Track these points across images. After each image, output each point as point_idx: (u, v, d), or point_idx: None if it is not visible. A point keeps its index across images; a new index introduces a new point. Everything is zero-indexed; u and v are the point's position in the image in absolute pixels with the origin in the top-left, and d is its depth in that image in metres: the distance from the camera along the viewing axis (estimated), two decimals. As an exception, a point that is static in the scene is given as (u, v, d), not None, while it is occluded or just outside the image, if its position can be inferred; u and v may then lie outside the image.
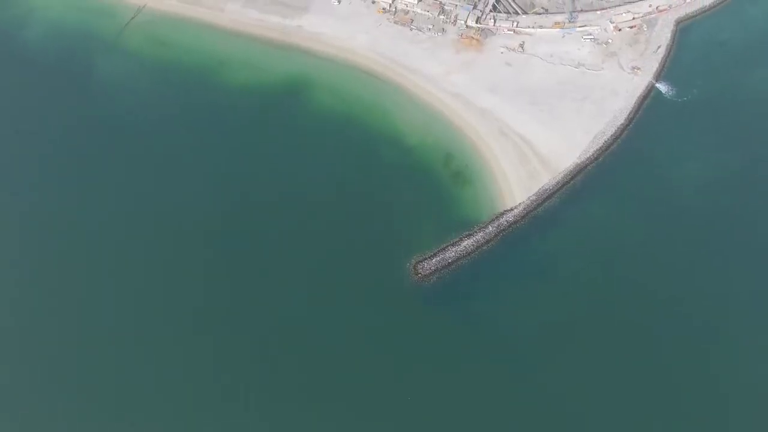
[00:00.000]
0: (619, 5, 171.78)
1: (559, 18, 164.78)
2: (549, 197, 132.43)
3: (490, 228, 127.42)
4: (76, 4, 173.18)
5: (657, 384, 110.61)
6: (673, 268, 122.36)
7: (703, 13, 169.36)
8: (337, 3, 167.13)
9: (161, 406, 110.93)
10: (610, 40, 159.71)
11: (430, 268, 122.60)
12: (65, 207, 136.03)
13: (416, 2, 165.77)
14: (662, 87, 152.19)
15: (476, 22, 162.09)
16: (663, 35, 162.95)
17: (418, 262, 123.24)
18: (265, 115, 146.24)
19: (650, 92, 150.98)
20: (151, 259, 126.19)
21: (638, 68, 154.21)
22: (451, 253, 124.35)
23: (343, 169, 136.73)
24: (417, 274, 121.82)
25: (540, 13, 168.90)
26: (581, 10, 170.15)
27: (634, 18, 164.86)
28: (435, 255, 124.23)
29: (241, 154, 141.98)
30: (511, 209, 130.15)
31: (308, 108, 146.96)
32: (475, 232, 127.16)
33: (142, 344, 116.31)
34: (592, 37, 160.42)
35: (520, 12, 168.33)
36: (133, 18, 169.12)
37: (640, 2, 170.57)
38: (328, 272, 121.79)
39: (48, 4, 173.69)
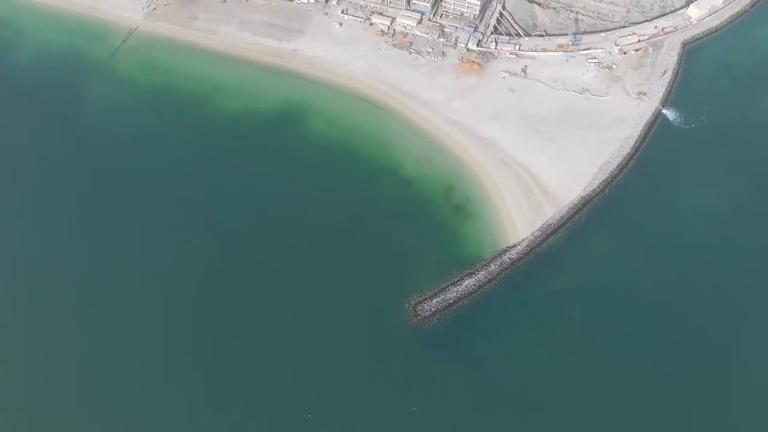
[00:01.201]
0: (624, 26, 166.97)
1: (563, 41, 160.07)
2: (553, 232, 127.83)
3: (493, 266, 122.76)
4: (66, 26, 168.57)
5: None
6: (683, 311, 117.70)
7: (710, 35, 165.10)
8: (338, 26, 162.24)
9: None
10: (614, 65, 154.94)
11: (430, 310, 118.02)
12: (55, 234, 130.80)
13: (415, 24, 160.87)
14: (669, 113, 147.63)
15: (477, 46, 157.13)
16: (669, 58, 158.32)
17: (417, 303, 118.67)
18: (259, 145, 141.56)
19: (657, 119, 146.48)
20: (141, 295, 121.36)
21: (644, 93, 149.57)
22: (451, 293, 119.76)
23: (340, 201, 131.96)
24: (416, 316, 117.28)
25: (542, 35, 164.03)
26: (584, 32, 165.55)
27: (639, 40, 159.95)
28: (435, 295, 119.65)
29: (234, 185, 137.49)
30: (514, 246, 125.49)
31: (304, 137, 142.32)
32: (477, 270, 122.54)
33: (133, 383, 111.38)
34: (596, 60, 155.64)
35: (522, 34, 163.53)
36: (124, 41, 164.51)
37: (644, 24, 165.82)
38: (322, 315, 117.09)
39: (38, 26, 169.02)
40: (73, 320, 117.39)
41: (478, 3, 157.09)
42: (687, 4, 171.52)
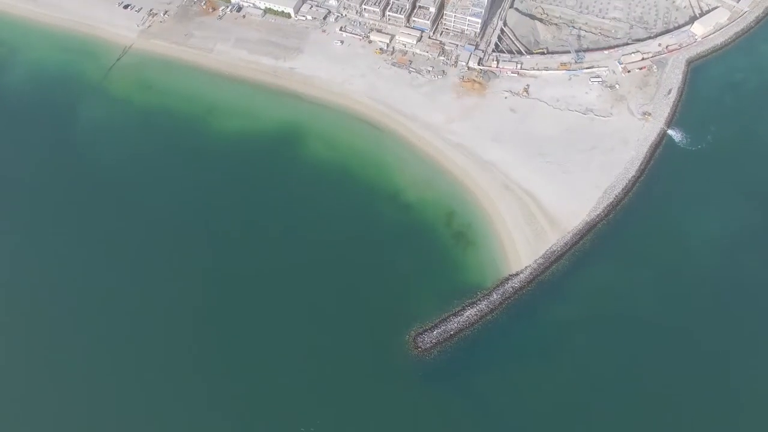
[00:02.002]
0: (627, 44, 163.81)
1: (565, 58, 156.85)
2: (557, 260, 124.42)
3: (495, 296, 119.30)
4: (60, 44, 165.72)
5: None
6: (692, 341, 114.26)
7: (715, 53, 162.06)
8: (339, 44, 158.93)
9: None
10: (618, 84, 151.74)
11: (430, 341, 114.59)
12: (47, 256, 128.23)
13: (415, 42, 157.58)
14: (675, 134, 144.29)
15: (478, 64, 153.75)
16: (674, 77, 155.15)
17: (417, 335, 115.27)
18: (255, 168, 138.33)
19: (662, 140, 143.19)
20: (135, 323, 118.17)
21: (649, 114, 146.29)
22: (452, 324, 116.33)
23: (337, 227, 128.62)
24: (416, 348, 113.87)
25: (544, 53, 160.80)
26: (587, 49, 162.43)
27: (643, 58, 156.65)
28: (436, 326, 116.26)
29: (229, 209, 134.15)
30: (517, 274, 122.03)
31: (301, 159, 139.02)
32: (479, 300, 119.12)
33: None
34: (600, 79, 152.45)
35: (523, 51, 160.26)
36: (118, 59, 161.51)
37: (648, 41, 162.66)
38: (319, 347, 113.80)
39: (32, 43, 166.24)
40: (63, 354, 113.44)
41: (479, 20, 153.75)
42: (691, 21, 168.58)
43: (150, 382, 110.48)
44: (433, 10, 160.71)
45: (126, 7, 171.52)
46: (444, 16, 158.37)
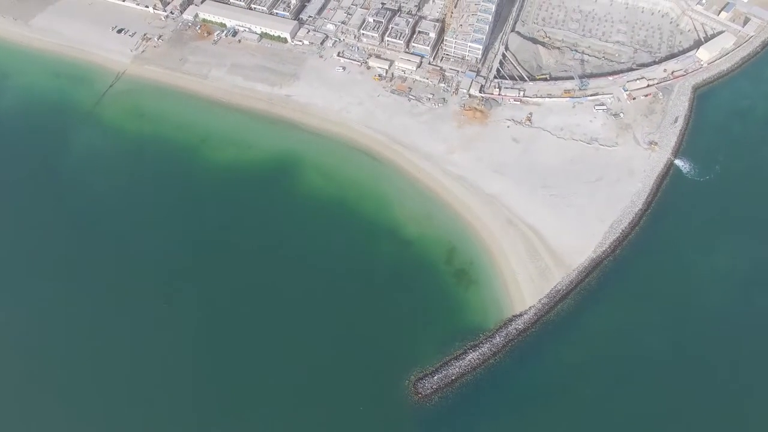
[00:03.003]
0: (632, 69, 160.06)
1: (569, 85, 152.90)
2: (562, 299, 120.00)
3: (498, 338, 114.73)
4: (53, 69, 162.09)
5: None
6: (703, 385, 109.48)
7: (721, 78, 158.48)
8: (341, 70, 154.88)
9: None
10: (623, 112, 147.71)
11: (431, 387, 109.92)
12: (33, 287, 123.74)
13: (415, 69, 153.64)
14: (682, 164, 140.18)
15: (480, 92, 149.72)
16: (680, 104, 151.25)
17: (418, 380, 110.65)
18: (249, 200, 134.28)
19: (669, 170, 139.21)
20: (130, 358, 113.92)
21: (655, 143, 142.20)
22: (454, 369, 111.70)
23: (334, 264, 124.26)
24: (417, 394, 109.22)
25: (547, 79, 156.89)
26: (591, 74, 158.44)
27: (648, 85, 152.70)
28: (437, 371, 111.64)
29: (222, 243, 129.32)
30: (521, 314, 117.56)
31: (296, 191, 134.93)
32: (481, 342, 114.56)
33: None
34: (604, 107, 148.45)
35: (526, 77, 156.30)
36: (111, 85, 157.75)
37: (653, 66, 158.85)
38: (315, 392, 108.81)
39: (23, 69, 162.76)
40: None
41: (480, 47, 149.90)
42: (695, 45, 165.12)
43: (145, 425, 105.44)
44: (433, 35, 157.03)
45: (120, 31, 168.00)
46: (444, 42, 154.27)
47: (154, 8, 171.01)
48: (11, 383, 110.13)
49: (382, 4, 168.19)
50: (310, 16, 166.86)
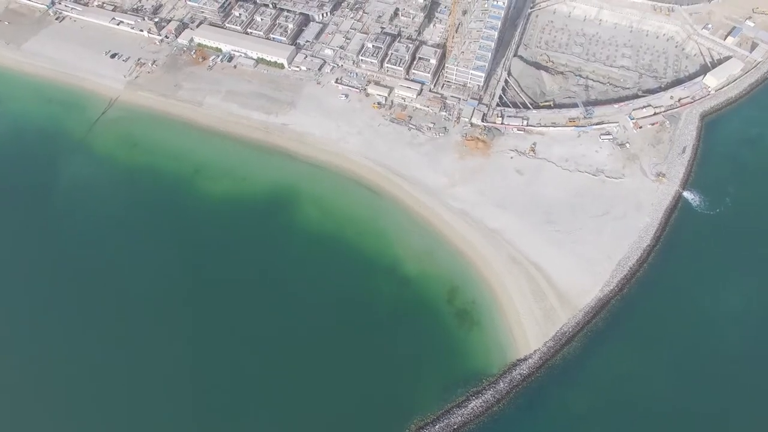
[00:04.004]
0: (638, 95, 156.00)
1: (574, 113, 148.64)
2: (568, 342, 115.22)
3: (501, 384, 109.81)
4: (43, 95, 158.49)
5: None
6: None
7: (729, 105, 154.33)
8: (344, 98, 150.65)
9: None
10: (629, 142, 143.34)
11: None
12: (24, 322, 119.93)
13: (415, 96, 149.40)
14: (691, 197, 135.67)
15: (482, 120, 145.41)
16: (688, 133, 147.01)
17: (418, 429, 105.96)
18: (243, 235, 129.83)
19: (678, 203, 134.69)
20: (131, 398, 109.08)
21: (663, 175, 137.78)
22: (456, 417, 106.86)
23: (331, 304, 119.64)
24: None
25: (551, 106, 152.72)
26: (596, 101, 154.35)
27: (655, 113, 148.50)
28: (438, 419, 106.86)
29: (215, 279, 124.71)
30: (525, 359, 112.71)
31: (293, 226, 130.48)
32: (484, 388, 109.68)
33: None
34: (610, 136, 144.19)
35: (529, 104, 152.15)
36: (104, 112, 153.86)
37: (660, 93, 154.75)
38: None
39: (13, 95, 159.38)
40: None
41: (483, 74, 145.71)
42: (702, 70, 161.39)
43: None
44: (433, 61, 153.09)
45: (113, 56, 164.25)
46: (445, 69, 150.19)
47: (148, 32, 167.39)
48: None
49: (382, 28, 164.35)
50: (307, 41, 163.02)
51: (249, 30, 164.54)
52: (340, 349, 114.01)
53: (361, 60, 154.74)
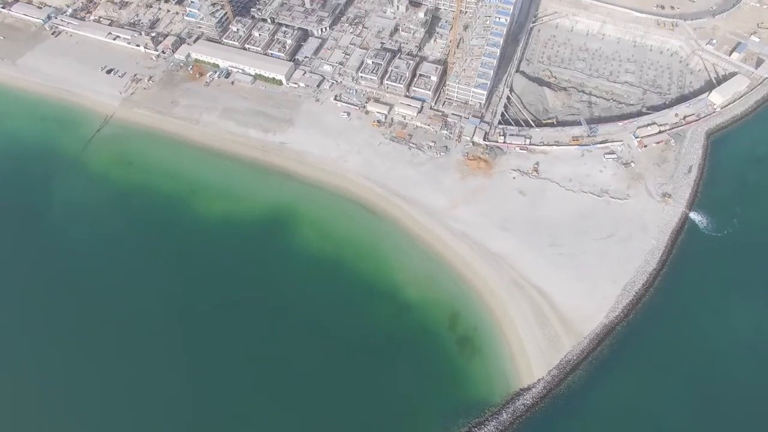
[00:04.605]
0: (642, 113, 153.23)
1: (577, 131, 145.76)
2: (572, 370, 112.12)
3: (505, 414, 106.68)
4: (38, 112, 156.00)
5: None
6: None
7: (735, 123, 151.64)
8: (346, 116, 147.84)
9: None
10: (634, 161, 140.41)
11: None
12: (16, 344, 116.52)
13: (415, 114, 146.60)
14: (698, 218, 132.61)
15: (484, 139, 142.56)
16: (693, 151, 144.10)
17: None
18: (239, 258, 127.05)
19: (684, 225, 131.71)
20: (125, 422, 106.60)
21: (669, 195, 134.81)
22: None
23: (328, 330, 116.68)
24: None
25: (554, 124, 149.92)
26: (599, 118, 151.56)
27: (660, 131, 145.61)
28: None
29: (211, 303, 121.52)
30: (529, 388, 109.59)
31: (290, 249, 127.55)
32: (487, 419, 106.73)
33: None
34: (614, 155, 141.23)
35: (531, 121, 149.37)
36: (99, 130, 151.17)
37: (665, 111, 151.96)
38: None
39: (7, 112, 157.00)
40: None
41: (484, 92, 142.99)
42: (707, 86, 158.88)
43: None
44: (434, 78, 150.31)
45: (109, 71, 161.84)
46: (446, 86, 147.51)
47: (145, 47, 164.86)
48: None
49: (381, 43, 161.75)
50: (306, 57, 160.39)
51: (247, 45, 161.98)
52: (338, 376, 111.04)
53: (361, 77, 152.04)
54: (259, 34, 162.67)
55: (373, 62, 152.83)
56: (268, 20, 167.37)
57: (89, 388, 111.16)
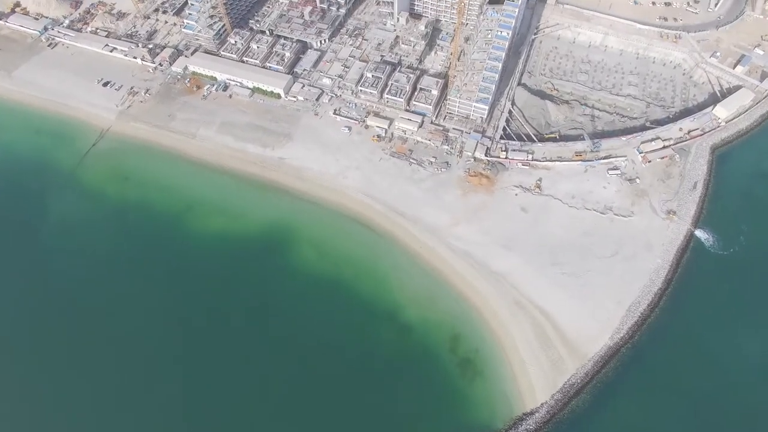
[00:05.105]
0: (646, 127, 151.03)
1: (580, 146, 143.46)
2: (576, 394, 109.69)
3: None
4: (33, 125, 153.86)
5: None
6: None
7: (740, 138, 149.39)
8: (347, 131, 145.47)
9: None
10: (638, 177, 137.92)
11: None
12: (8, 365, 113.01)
13: (416, 129, 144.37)
14: (703, 236, 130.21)
15: (485, 155, 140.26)
16: (698, 167, 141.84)
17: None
18: (237, 277, 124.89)
19: (690, 243, 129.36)
20: None
21: (673, 212, 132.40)
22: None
23: (327, 353, 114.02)
24: None
25: (557, 138, 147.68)
26: (602, 132, 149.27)
27: (664, 146, 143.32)
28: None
29: (207, 323, 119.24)
30: (532, 413, 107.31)
31: (288, 268, 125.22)
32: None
33: None
34: (618, 171, 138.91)
35: (533, 135, 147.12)
36: (94, 144, 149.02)
37: (669, 125, 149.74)
38: None
39: (2, 125, 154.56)
40: None
41: (486, 107, 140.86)
42: (711, 99, 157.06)
43: None
44: (435, 92, 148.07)
45: (106, 84, 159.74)
46: (447, 100, 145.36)
47: (142, 59, 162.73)
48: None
49: (381, 56, 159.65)
50: (305, 70, 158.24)
51: (245, 58, 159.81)
52: (337, 398, 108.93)
53: (360, 90, 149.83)
54: (258, 47, 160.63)
55: (372, 75, 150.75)
56: (267, 32, 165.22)
57: (81, 408, 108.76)
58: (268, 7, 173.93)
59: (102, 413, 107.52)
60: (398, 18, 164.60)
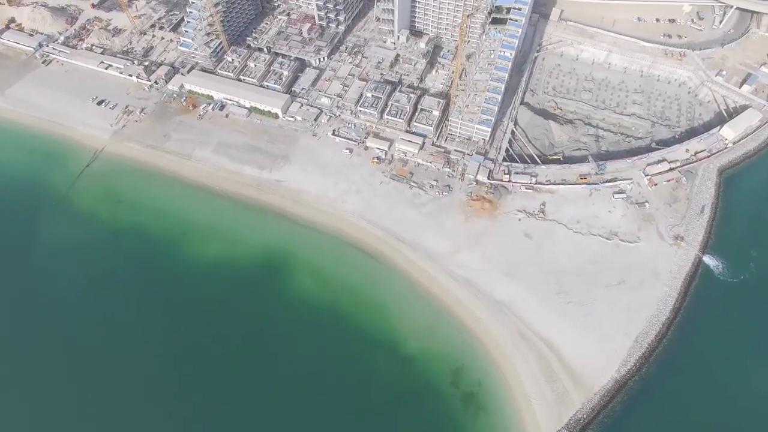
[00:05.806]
0: (651, 148, 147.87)
1: (585, 169, 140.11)
2: (583, 429, 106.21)
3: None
4: (26, 145, 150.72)
5: None
6: None
7: (748, 159, 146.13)
8: (348, 153, 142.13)
9: None
10: (646, 202, 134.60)
11: None
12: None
13: (417, 151, 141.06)
14: (712, 262, 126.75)
15: (488, 178, 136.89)
16: (706, 190, 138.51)
17: None
18: (232, 305, 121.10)
19: (698, 270, 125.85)
20: None
21: (681, 238, 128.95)
22: None
23: (325, 385, 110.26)
24: None
25: (560, 160, 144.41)
26: (608, 156, 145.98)
27: (670, 168, 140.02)
28: None
29: (201, 351, 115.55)
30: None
31: (285, 297, 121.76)
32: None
33: None
34: (624, 195, 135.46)
35: (537, 157, 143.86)
36: (88, 165, 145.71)
37: (675, 146, 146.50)
38: None
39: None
40: None
41: (489, 129, 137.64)
42: (717, 118, 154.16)
43: None
44: (436, 113, 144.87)
45: (100, 103, 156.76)
46: (449, 122, 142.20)
47: (137, 77, 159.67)
48: None
49: (381, 75, 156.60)
50: (303, 88, 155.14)
51: (242, 77, 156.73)
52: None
53: (360, 110, 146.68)
54: (255, 65, 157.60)
55: (372, 95, 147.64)
56: (265, 50, 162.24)
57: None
58: (266, 23, 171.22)
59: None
60: (398, 36, 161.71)
